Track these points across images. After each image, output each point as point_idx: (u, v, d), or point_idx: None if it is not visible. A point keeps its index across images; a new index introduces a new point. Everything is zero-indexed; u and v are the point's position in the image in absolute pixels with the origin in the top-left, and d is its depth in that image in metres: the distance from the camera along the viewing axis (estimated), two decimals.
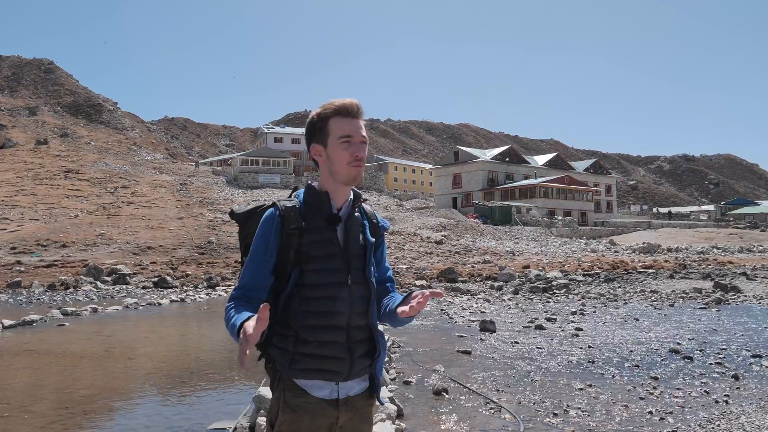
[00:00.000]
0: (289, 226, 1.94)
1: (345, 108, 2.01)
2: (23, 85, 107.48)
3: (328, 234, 1.99)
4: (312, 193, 2.04)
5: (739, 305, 14.02)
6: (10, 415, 5.69)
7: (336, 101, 2.02)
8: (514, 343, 9.21)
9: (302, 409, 1.92)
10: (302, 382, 1.93)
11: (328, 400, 1.94)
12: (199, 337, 11.08)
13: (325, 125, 2.01)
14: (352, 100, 2.02)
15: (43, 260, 25.55)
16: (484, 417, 5.37)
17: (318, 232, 1.97)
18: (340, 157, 2.00)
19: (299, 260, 1.94)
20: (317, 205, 2.01)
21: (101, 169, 63.28)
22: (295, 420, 1.91)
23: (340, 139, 1.99)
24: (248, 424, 5.08)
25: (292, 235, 1.94)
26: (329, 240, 1.98)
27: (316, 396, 1.93)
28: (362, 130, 2.02)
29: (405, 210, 59.74)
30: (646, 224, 65.74)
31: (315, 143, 2.05)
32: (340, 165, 2.00)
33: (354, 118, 2.01)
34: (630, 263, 27.14)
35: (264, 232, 1.96)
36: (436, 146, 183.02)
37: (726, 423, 5.02)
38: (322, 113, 2.02)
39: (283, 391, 1.94)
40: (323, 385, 1.94)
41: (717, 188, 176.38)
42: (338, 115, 2.00)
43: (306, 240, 1.95)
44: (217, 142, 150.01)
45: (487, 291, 18.28)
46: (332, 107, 2.01)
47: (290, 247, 1.94)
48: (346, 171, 2.00)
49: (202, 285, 20.79)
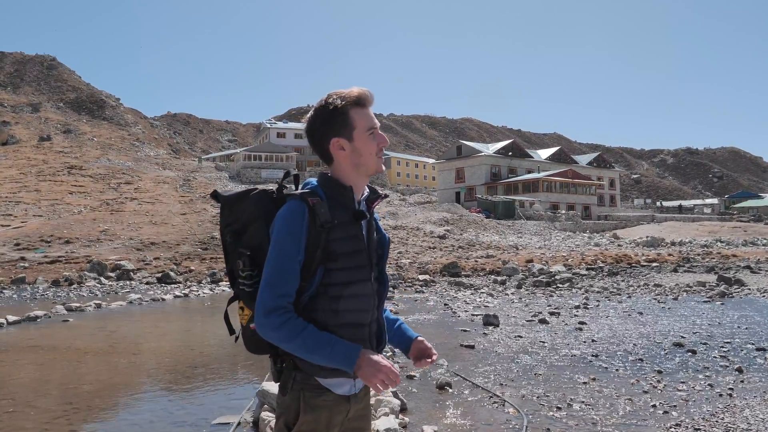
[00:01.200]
0: (320, 222, 1.84)
1: (365, 98, 1.95)
2: (26, 81, 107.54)
3: (354, 230, 1.93)
4: (335, 187, 1.95)
5: (743, 298, 13.98)
6: (15, 411, 5.71)
7: (351, 91, 1.94)
8: (517, 337, 9.20)
9: (322, 408, 1.90)
10: (327, 381, 1.90)
11: (345, 396, 1.94)
12: (203, 332, 11.10)
13: (347, 117, 1.92)
14: (364, 89, 1.96)
15: (47, 256, 25.62)
16: (487, 411, 5.37)
17: (344, 229, 1.90)
18: (369, 148, 1.94)
19: (327, 258, 1.86)
20: (342, 199, 1.93)
21: (104, 165, 63.36)
22: (315, 419, 1.89)
23: (368, 131, 1.94)
24: (252, 419, 5.09)
25: (321, 232, 1.85)
26: (356, 236, 1.93)
27: (337, 393, 1.92)
28: (376, 119, 1.99)
29: (408, 204, 59.70)
30: (649, 218, 65.63)
31: (337, 137, 1.93)
32: (369, 157, 1.95)
33: (369, 107, 1.97)
34: (633, 257, 27.09)
35: (293, 228, 1.83)
36: (439, 141, 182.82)
37: (730, 416, 5.01)
38: (341, 105, 1.91)
39: (302, 391, 1.89)
40: (345, 381, 1.93)
41: (721, 181, 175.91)
42: (358, 106, 1.94)
43: (333, 237, 1.87)
44: (219, 137, 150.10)
45: (491, 285, 18.26)
46: (351, 98, 1.93)
47: (318, 245, 1.85)
48: (375, 162, 1.97)
49: (205, 280, 20.79)
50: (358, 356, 1.80)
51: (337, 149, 1.94)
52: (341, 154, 1.95)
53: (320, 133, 1.95)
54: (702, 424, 4.82)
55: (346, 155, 1.94)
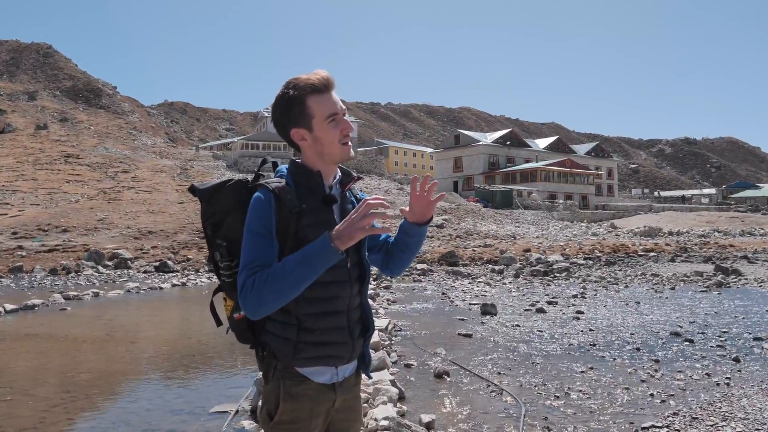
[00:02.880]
0: (288, 209, 1.80)
1: (322, 83, 1.86)
2: (22, 69, 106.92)
3: (325, 215, 1.88)
4: (302, 173, 1.90)
5: (740, 288, 14.01)
6: (13, 399, 5.71)
7: (307, 78, 1.86)
8: (515, 326, 9.21)
9: (303, 396, 1.86)
10: (305, 370, 1.87)
11: (327, 385, 1.90)
12: (201, 320, 11.09)
13: (303, 107, 1.84)
14: (323, 73, 1.88)
15: (45, 245, 25.57)
16: (485, 400, 5.37)
17: (314, 214, 1.85)
18: (330, 137, 1.87)
19: (297, 245, 1.78)
20: (310, 185, 1.89)
21: (101, 154, 63.12)
22: (296, 408, 1.86)
23: (327, 119, 1.86)
24: (250, 407, 5.09)
25: (290, 218, 1.80)
26: (327, 222, 1.86)
27: (317, 382, 1.88)
28: (340, 103, 1.90)
29: (406, 194, 59.66)
30: (647, 208, 65.72)
31: (296, 128, 1.87)
32: (332, 146, 1.88)
33: (330, 92, 1.88)
34: (631, 247, 27.12)
35: (261, 215, 1.78)
36: (437, 130, 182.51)
37: (727, 405, 5.02)
38: (296, 94, 1.84)
39: (282, 380, 1.86)
40: (325, 370, 1.90)
41: (718, 171, 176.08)
42: (315, 93, 1.85)
43: (303, 223, 1.82)
44: (217, 126, 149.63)
45: (488, 274, 18.28)
46: (306, 85, 1.84)
47: (288, 232, 1.80)
48: (339, 150, 1.89)
49: (203, 269, 20.78)
50: (328, 235, 1.71)
51: (299, 139, 1.89)
52: (304, 144, 1.90)
53: (281, 125, 1.91)
54: (700, 413, 4.83)
55: (309, 144, 1.89)
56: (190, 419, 5.10)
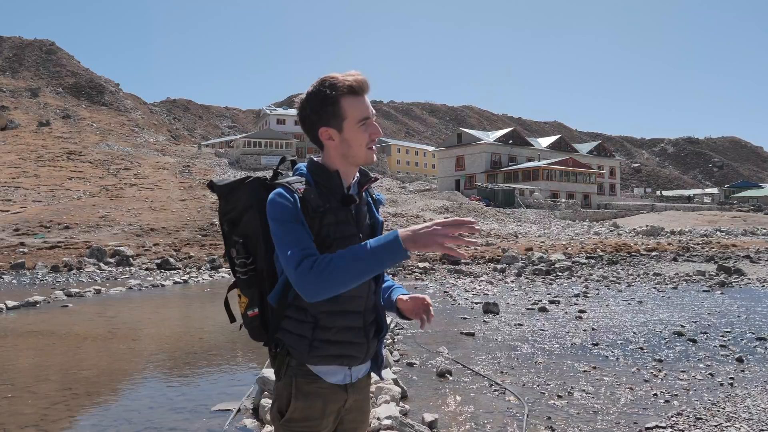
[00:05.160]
0: (312, 208, 1.78)
1: (359, 86, 1.84)
2: (25, 66, 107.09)
3: (344, 215, 1.87)
4: (322, 173, 1.89)
5: (743, 288, 13.98)
6: (14, 396, 5.70)
7: (344, 78, 1.83)
8: (517, 325, 9.19)
9: (315, 395, 1.86)
10: (318, 369, 1.86)
11: (340, 385, 1.90)
12: (203, 318, 11.09)
13: (337, 107, 1.82)
14: (360, 75, 1.86)
15: (47, 242, 25.61)
16: (488, 399, 5.36)
17: (334, 214, 1.84)
18: (360, 140, 1.85)
19: (321, 245, 1.78)
20: (329, 185, 1.88)
21: (104, 151, 63.21)
22: (308, 406, 1.85)
23: (360, 122, 1.84)
24: (252, 405, 5.08)
25: (314, 217, 1.79)
26: (346, 221, 1.86)
27: (330, 382, 1.88)
28: (371, 107, 1.89)
29: (408, 192, 59.68)
30: (649, 207, 65.65)
31: (326, 127, 1.84)
32: (359, 149, 1.86)
33: (364, 95, 1.87)
34: (633, 246, 27.08)
35: (293, 214, 1.75)
36: (439, 128, 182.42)
37: (731, 405, 5.00)
38: (332, 94, 1.81)
39: (294, 378, 1.86)
40: (339, 370, 1.89)
41: (721, 171, 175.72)
42: (351, 95, 1.83)
43: (326, 222, 1.81)
44: (219, 123, 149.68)
45: (490, 273, 18.26)
46: (344, 86, 1.81)
47: (312, 231, 1.79)
48: (365, 154, 1.88)
49: (204, 267, 20.80)
50: (398, 234, 1.66)
51: (326, 138, 1.87)
52: (330, 144, 1.88)
53: (310, 121, 1.88)
54: (703, 413, 4.81)
55: (336, 145, 1.87)
56: (192, 417, 5.09)
